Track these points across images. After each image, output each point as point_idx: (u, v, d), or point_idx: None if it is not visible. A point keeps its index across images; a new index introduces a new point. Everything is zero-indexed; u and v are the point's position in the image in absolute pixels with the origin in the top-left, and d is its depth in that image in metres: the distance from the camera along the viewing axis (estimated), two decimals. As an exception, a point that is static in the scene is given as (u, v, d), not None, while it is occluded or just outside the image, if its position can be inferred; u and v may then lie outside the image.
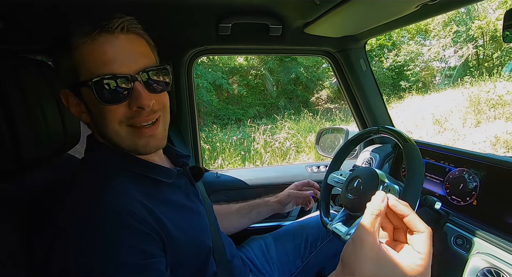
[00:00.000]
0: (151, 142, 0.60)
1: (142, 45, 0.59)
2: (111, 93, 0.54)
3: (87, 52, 0.53)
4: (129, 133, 0.58)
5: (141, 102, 0.55)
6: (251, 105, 10.18)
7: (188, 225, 0.64)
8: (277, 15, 1.06)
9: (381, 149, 1.34)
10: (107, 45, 0.53)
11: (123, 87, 0.54)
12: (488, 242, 0.73)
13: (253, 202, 1.08)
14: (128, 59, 0.55)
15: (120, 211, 0.51)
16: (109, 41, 0.53)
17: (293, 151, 5.19)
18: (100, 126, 0.59)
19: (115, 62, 0.54)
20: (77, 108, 0.59)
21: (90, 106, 0.58)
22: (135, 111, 0.56)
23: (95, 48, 0.53)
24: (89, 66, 0.53)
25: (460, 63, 10.43)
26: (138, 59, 0.57)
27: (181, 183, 0.71)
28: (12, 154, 0.57)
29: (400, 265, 0.44)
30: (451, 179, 0.93)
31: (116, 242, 0.48)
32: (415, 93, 9.59)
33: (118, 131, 0.57)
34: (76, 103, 0.59)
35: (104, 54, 0.53)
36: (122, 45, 0.55)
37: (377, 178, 0.83)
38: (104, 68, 0.53)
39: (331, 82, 11.07)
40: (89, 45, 0.53)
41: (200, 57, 1.30)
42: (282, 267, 1.01)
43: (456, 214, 0.85)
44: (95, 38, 0.53)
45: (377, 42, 11.21)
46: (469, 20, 10.46)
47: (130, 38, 0.57)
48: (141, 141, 0.59)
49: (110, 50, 0.53)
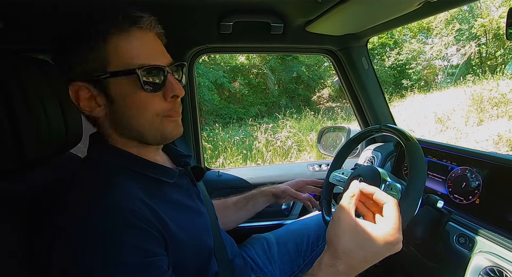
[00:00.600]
0: (176, 127, 0.63)
1: (162, 44, 0.63)
2: (151, 82, 0.56)
3: (122, 44, 0.55)
4: (162, 122, 0.60)
5: (176, 90, 0.59)
6: (252, 104, 10.18)
7: (189, 224, 0.64)
8: (278, 14, 1.06)
9: (383, 148, 1.34)
10: (142, 40, 0.57)
11: (159, 77, 0.57)
12: (490, 241, 0.73)
13: (249, 194, 1.07)
14: (159, 53, 0.59)
15: (122, 209, 0.51)
16: (143, 36, 0.57)
17: (294, 150, 5.19)
18: (125, 118, 0.59)
19: (151, 55, 0.57)
20: (90, 102, 0.58)
21: (118, 97, 0.57)
22: (169, 101, 0.60)
23: (131, 41, 0.55)
24: (125, 57, 0.55)
25: (463, 61, 10.37)
26: (165, 55, 0.61)
27: (182, 183, 0.71)
28: (14, 153, 0.57)
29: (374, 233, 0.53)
30: (453, 178, 0.92)
31: (118, 241, 0.48)
32: (417, 92, 9.56)
33: (151, 121, 0.59)
34: (88, 97, 0.58)
35: (141, 47, 0.56)
36: (152, 41, 0.59)
37: (379, 177, 0.83)
38: (142, 59, 0.56)
39: (333, 81, 11.04)
40: (125, 38, 0.55)
41: (202, 55, 1.30)
42: (283, 266, 1.01)
43: (458, 213, 0.85)
44: (128, 31, 0.55)
45: (379, 40, 11.17)
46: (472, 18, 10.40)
47: (156, 35, 0.60)
48: (170, 126, 0.61)
49: (145, 44, 0.57)
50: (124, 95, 0.57)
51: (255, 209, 1.06)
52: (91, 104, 0.58)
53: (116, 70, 0.55)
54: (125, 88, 0.56)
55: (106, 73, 0.55)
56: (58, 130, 0.67)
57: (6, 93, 0.56)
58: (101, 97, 0.58)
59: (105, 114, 0.59)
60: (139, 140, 0.62)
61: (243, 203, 1.05)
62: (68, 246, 0.48)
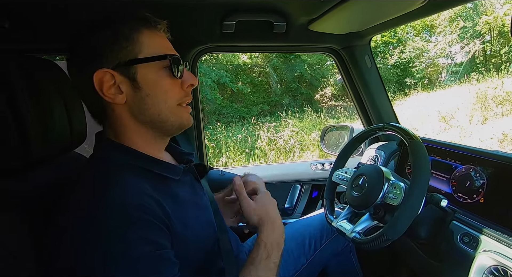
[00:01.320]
0: (190, 117, 0.69)
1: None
2: (177, 69, 0.62)
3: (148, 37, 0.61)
4: (179, 110, 0.66)
5: (193, 81, 0.66)
6: (255, 103, 10.16)
7: (194, 221, 0.65)
8: (281, 12, 1.06)
9: (386, 147, 1.33)
10: (165, 40, 0.66)
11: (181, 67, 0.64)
12: (495, 240, 0.72)
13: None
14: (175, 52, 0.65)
15: (125, 206, 0.51)
16: (164, 38, 0.66)
17: (297, 148, 5.19)
18: (148, 104, 0.61)
19: (172, 50, 0.65)
20: (113, 89, 0.59)
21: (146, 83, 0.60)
22: (186, 90, 0.66)
23: (155, 36, 0.63)
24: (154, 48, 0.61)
25: (467, 59, 10.28)
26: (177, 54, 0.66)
27: (187, 180, 0.72)
28: (19, 152, 0.58)
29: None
30: (457, 177, 0.92)
31: (122, 238, 0.48)
32: (420, 90, 9.50)
33: (172, 107, 0.64)
34: (111, 84, 0.59)
35: (166, 44, 0.65)
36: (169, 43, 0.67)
37: (382, 176, 0.83)
38: (167, 52, 0.63)
39: (336, 80, 11.00)
40: (153, 34, 0.62)
41: (204, 55, 1.30)
42: (286, 264, 1.01)
43: (462, 212, 0.84)
44: (155, 31, 0.63)
45: (382, 39, 11.10)
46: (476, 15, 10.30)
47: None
48: (186, 116, 0.67)
49: (168, 43, 0.66)
50: (151, 81, 0.61)
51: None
52: (113, 91, 0.59)
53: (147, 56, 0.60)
54: (153, 75, 0.61)
55: (138, 59, 0.59)
56: (63, 130, 0.68)
57: (11, 93, 0.57)
58: (125, 84, 0.60)
59: (125, 102, 0.61)
60: (155, 128, 0.64)
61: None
62: (71, 246, 0.48)
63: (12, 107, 0.56)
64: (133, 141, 0.63)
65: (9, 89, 0.56)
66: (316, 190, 1.52)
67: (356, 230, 0.83)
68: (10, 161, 0.57)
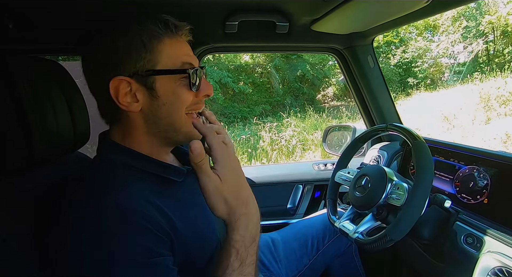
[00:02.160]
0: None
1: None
2: (195, 81, 0.61)
3: (171, 46, 0.60)
4: (188, 119, 0.64)
5: (210, 91, 0.66)
6: (257, 103, 10.16)
7: (197, 222, 0.65)
8: (284, 13, 1.06)
9: (389, 147, 1.33)
10: (183, 44, 0.64)
11: (199, 78, 0.62)
12: (499, 241, 0.72)
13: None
14: (195, 58, 0.65)
15: (126, 210, 0.51)
16: (183, 42, 0.64)
17: (299, 148, 5.18)
18: (164, 113, 0.61)
19: (192, 58, 0.64)
20: (128, 97, 0.59)
21: (164, 93, 0.60)
22: (200, 99, 0.65)
23: (177, 45, 0.62)
24: (173, 58, 0.60)
25: (470, 59, 10.23)
26: (196, 59, 0.66)
27: (190, 181, 0.72)
28: (23, 152, 0.58)
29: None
30: (461, 177, 0.91)
31: (124, 241, 0.49)
32: (423, 90, 9.47)
33: (183, 117, 0.63)
34: (127, 92, 0.58)
35: (186, 51, 0.63)
36: (188, 46, 0.65)
37: (385, 176, 0.82)
38: (187, 61, 0.62)
39: (338, 80, 10.98)
40: (173, 42, 0.61)
41: (207, 55, 1.30)
42: (289, 264, 1.01)
43: (466, 213, 0.84)
44: (177, 38, 0.62)
45: (384, 39, 11.06)
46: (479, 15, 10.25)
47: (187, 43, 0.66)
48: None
49: (188, 49, 0.64)
50: (170, 90, 0.60)
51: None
52: (128, 99, 0.59)
53: (166, 68, 0.59)
54: (171, 85, 0.60)
55: (158, 70, 0.59)
56: (66, 130, 0.68)
57: (15, 93, 0.57)
58: (141, 92, 0.59)
59: (140, 110, 0.60)
60: (166, 137, 0.64)
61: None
62: (72, 246, 0.48)
63: (16, 107, 0.57)
64: (139, 144, 0.63)
65: (13, 89, 0.57)
66: (319, 190, 1.52)
67: (359, 231, 0.83)
68: (14, 161, 0.58)
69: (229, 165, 0.59)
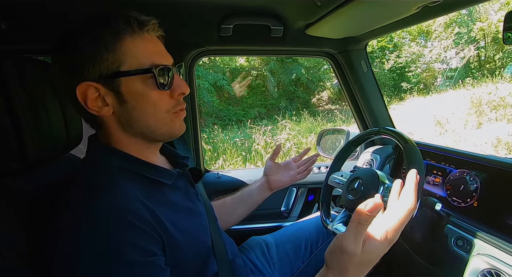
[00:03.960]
0: (182, 125, 0.66)
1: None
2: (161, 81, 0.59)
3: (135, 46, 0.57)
4: (171, 119, 0.63)
5: (184, 89, 0.63)
6: (252, 106, 10.18)
7: (188, 226, 0.64)
8: (278, 16, 1.07)
9: (382, 150, 1.34)
10: (151, 42, 0.60)
11: (169, 76, 0.60)
12: (488, 244, 0.73)
13: (243, 187, 1.08)
14: (165, 54, 0.62)
15: (121, 209, 0.51)
16: (152, 39, 0.61)
17: (293, 151, 5.19)
18: (136, 117, 0.59)
19: (161, 56, 0.61)
20: (97, 102, 0.58)
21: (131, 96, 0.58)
22: (176, 99, 0.63)
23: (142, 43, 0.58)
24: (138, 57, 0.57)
25: (462, 64, 10.40)
26: (168, 55, 0.63)
27: (180, 184, 0.71)
28: (16, 154, 0.57)
29: (378, 247, 0.53)
30: (451, 181, 0.93)
31: (116, 241, 0.49)
32: (416, 95, 9.58)
33: (163, 117, 0.62)
34: (96, 97, 0.57)
35: (151, 48, 0.60)
36: (159, 44, 0.62)
37: (378, 179, 0.83)
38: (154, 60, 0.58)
39: (332, 83, 11.06)
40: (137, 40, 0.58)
41: (202, 58, 1.31)
42: (282, 267, 1.01)
43: (456, 216, 0.85)
44: (142, 35, 0.58)
45: (378, 44, 11.20)
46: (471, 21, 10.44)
47: (158, 39, 0.63)
48: (177, 124, 0.65)
49: (156, 46, 0.61)
50: (137, 93, 0.58)
51: (252, 200, 1.04)
52: (98, 104, 0.58)
53: (130, 69, 0.56)
54: (138, 87, 0.58)
55: (121, 72, 0.56)
56: (59, 132, 0.68)
57: (7, 94, 0.57)
58: (110, 96, 0.58)
59: (112, 113, 0.59)
60: (145, 138, 0.63)
61: (239, 195, 1.05)
62: (67, 247, 0.48)
63: (8, 108, 0.56)
64: (125, 146, 0.63)
65: (5, 90, 0.56)
66: (312, 193, 1.52)
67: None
68: (7, 162, 0.57)
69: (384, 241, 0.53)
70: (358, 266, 0.53)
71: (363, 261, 0.53)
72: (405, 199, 0.56)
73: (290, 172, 1.07)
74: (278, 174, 1.05)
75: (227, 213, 1.00)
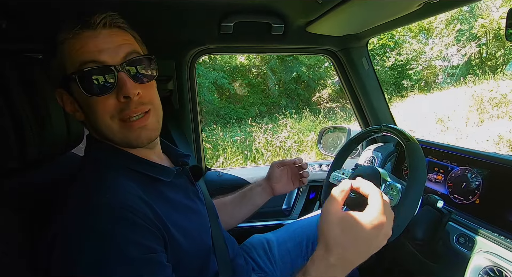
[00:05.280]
0: (142, 133, 0.60)
1: (125, 36, 0.59)
2: (95, 84, 0.54)
3: (70, 47, 0.54)
4: (121, 127, 0.58)
5: (127, 91, 0.55)
6: (252, 104, 10.18)
7: (187, 224, 0.64)
8: (279, 14, 1.06)
9: (383, 148, 1.34)
10: (89, 39, 0.54)
11: (107, 77, 0.55)
12: (490, 241, 0.73)
13: (245, 189, 1.05)
14: (110, 51, 0.56)
15: (120, 207, 0.51)
16: (91, 36, 0.55)
17: (294, 150, 5.19)
18: (92, 122, 0.59)
19: (98, 54, 0.54)
20: (71, 106, 0.59)
21: (80, 102, 0.58)
22: (123, 102, 0.56)
23: (77, 42, 0.54)
24: (73, 60, 0.54)
25: (463, 61, 10.37)
26: (119, 49, 0.57)
27: (180, 182, 0.71)
28: (17, 153, 0.58)
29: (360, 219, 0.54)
30: (453, 178, 0.92)
31: (117, 238, 0.49)
32: (417, 92, 9.56)
33: (109, 125, 0.58)
34: (70, 102, 0.59)
35: (86, 47, 0.54)
36: (104, 38, 0.56)
37: (379, 177, 0.83)
38: (86, 60, 0.54)
39: (333, 81, 11.04)
40: (72, 40, 0.54)
41: (202, 56, 1.30)
42: (284, 265, 1.01)
43: (458, 213, 0.85)
44: (78, 34, 0.54)
45: (380, 41, 11.16)
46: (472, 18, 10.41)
47: (113, 31, 0.57)
48: (133, 134, 0.59)
49: (92, 43, 0.54)
50: (83, 98, 0.57)
51: (253, 202, 1.03)
52: (72, 108, 0.60)
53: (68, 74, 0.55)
54: (80, 92, 0.55)
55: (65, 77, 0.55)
56: (60, 131, 0.68)
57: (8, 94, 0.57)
58: (75, 102, 0.59)
59: (84, 118, 0.61)
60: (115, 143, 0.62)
61: (239, 198, 1.04)
62: (68, 245, 0.48)
63: (9, 108, 0.56)
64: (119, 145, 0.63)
65: (6, 90, 0.56)
66: (314, 191, 1.52)
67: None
68: (8, 161, 0.57)
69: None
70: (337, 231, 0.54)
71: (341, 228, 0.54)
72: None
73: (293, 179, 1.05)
74: (282, 182, 1.04)
75: (228, 216, 1.00)
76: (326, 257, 0.54)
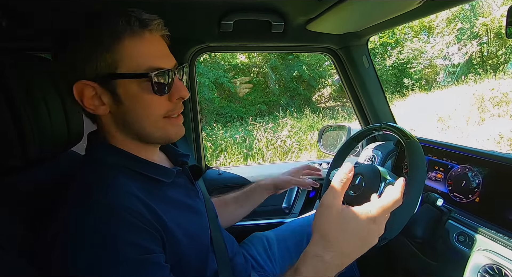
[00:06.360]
0: (180, 129, 0.65)
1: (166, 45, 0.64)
2: (161, 84, 0.58)
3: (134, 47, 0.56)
4: (165, 123, 0.62)
5: (183, 93, 0.62)
6: (253, 103, 10.17)
7: (187, 223, 0.64)
8: (279, 12, 1.06)
9: (383, 146, 1.34)
10: (152, 43, 0.58)
11: (168, 80, 0.59)
12: (490, 239, 0.73)
13: (247, 189, 1.07)
14: (166, 56, 0.61)
15: (119, 208, 0.51)
16: (152, 39, 0.59)
17: (295, 148, 5.19)
18: (131, 118, 0.59)
19: (161, 58, 0.59)
20: (94, 101, 0.58)
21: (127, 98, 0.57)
22: (175, 102, 0.62)
23: (142, 43, 0.57)
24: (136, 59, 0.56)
25: (464, 60, 10.35)
26: (171, 57, 0.62)
27: (180, 182, 0.71)
28: (17, 151, 0.58)
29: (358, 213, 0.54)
30: (453, 176, 0.92)
31: (115, 239, 0.49)
32: (418, 91, 9.55)
33: (157, 121, 0.61)
34: (93, 96, 0.57)
35: (151, 50, 0.58)
36: (161, 43, 0.61)
37: (379, 175, 0.83)
38: (153, 62, 0.57)
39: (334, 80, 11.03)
40: (137, 41, 0.56)
41: (202, 54, 1.30)
42: (284, 263, 1.01)
43: (458, 211, 0.85)
44: (142, 35, 0.57)
45: (380, 40, 11.15)
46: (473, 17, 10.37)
47: (163, 38, 0.62)
48: (174, 129, 0.64)
49: (155, 47, 0.59)
50: (133, 96, 0.57)
51: (254, 203, 1.05)
52: (95, 103, 0.58)
53: (128, 71, 0.56)
54: (135, 89, 0.57)
55: (118, 74, 0.56)
56: (61, 129, 0.68)
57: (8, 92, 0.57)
58: (106, 96, 0.57)
59: (109, 113, 0.59)
60: (140, 139, 0.63)
61: (242, 198, 1.04)
62: (66, 244, 0.48)
63: (9, 106, 0.56)
64: (124, 144, 0.63)
65: (6, 88, 0.56)
66: (314, 189, 1.52)
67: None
68: (8, 159, 0.57)
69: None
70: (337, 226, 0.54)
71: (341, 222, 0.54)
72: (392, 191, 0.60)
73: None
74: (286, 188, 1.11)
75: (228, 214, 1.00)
76: (321, 254, 0.53)
